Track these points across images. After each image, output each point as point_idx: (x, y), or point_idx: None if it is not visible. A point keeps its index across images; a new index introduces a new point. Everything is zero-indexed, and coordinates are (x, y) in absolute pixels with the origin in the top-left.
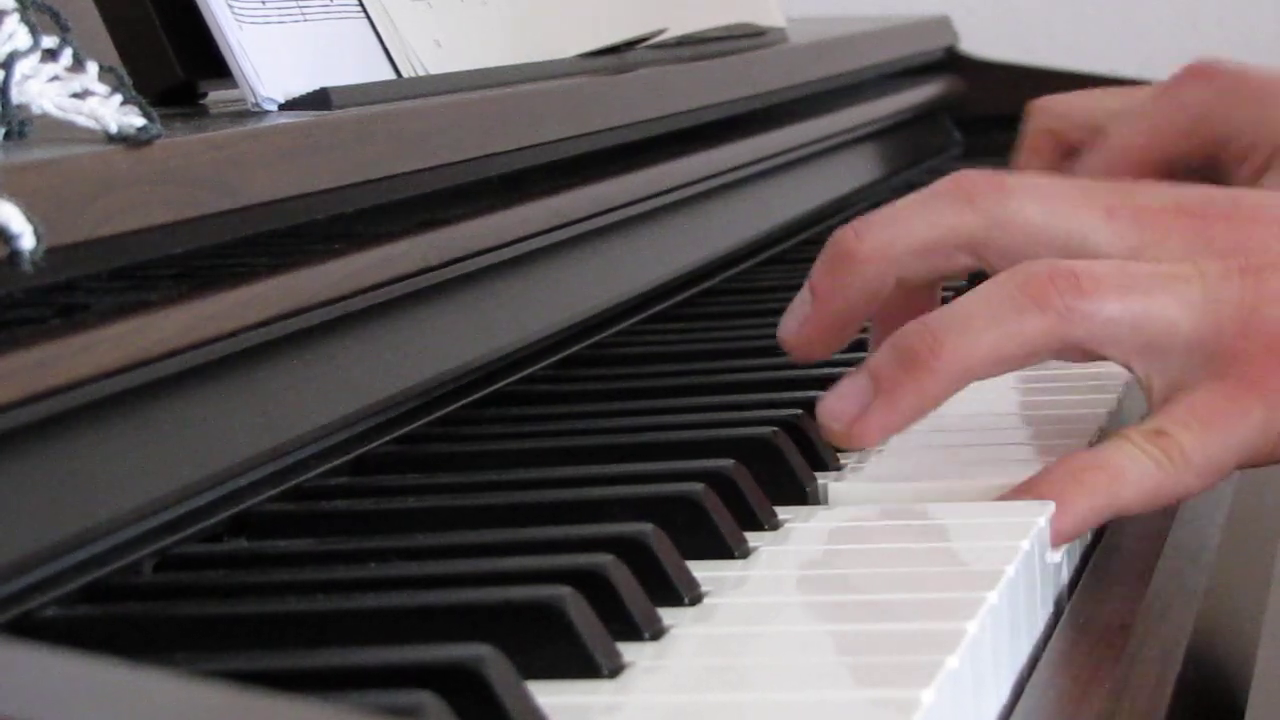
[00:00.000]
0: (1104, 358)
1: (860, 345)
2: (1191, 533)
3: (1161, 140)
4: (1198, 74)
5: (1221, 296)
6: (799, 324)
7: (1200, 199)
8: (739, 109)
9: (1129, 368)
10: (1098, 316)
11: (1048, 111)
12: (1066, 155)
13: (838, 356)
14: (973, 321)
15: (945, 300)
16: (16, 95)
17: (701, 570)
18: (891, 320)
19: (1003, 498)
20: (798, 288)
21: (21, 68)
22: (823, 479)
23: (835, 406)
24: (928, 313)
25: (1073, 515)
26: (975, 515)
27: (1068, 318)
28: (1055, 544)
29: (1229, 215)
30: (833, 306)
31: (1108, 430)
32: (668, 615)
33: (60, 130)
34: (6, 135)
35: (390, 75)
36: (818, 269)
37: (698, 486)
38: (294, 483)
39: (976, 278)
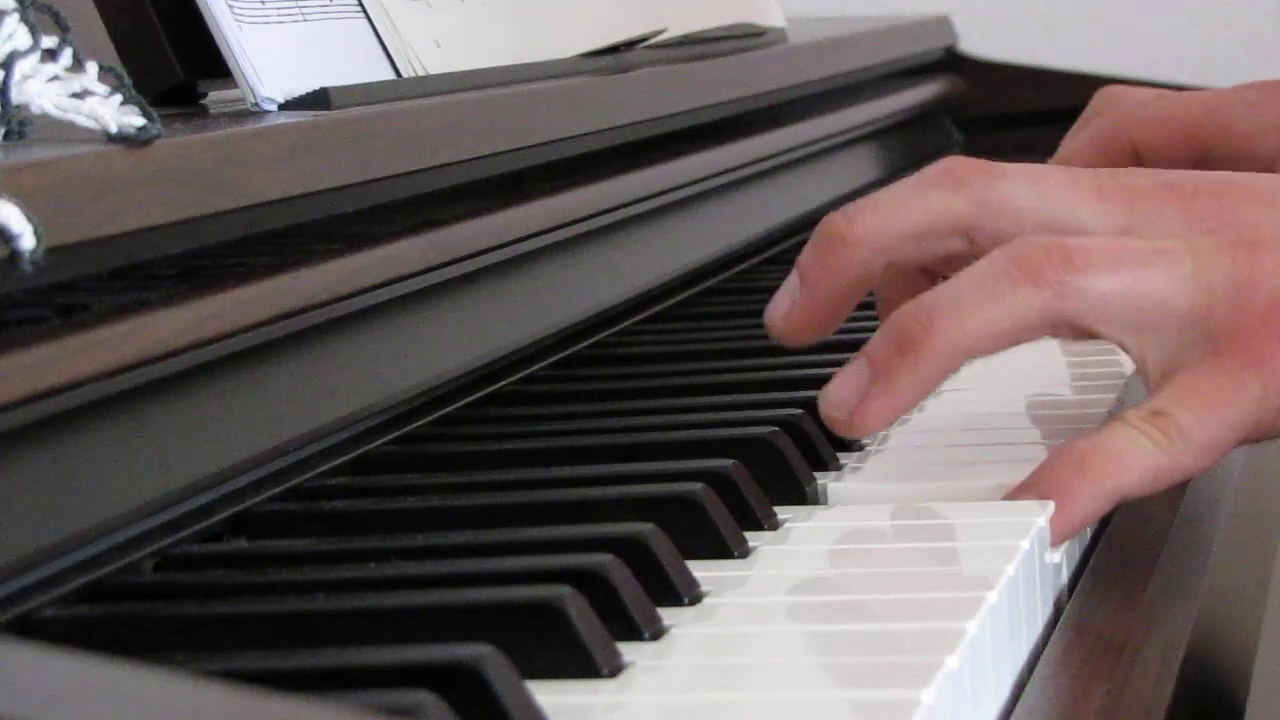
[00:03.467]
0: (1097, 335)
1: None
2: (1191, 533)
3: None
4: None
5: (1213, 271)
6: (787, 308)
7: (1189, 178)
8: (739, 109)
9: (1123, 345)
10: (1090, 291)
11: (1123, 111)
12: (1132, 160)
13: (836, 341)
14: (965, 299)
15: None
16: (16, 95)
17: (701, 570)
18: (894, 310)
19: (1006, 497)
20: None
21: (21, 68)
22: (822, 479)
23: (836, 395)
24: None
25: (1079, 506)
26: (975, 515)
27: (1060, 292)
28: (1062, 537)
29: (1218, 192)
30: (821, 291)
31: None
32: (668, 615)
33: (60, 130)
34: (6, 135)
35: (390, 75)
36: (806, 253)
37: (698, 486)
38: (294, 483)
39: None
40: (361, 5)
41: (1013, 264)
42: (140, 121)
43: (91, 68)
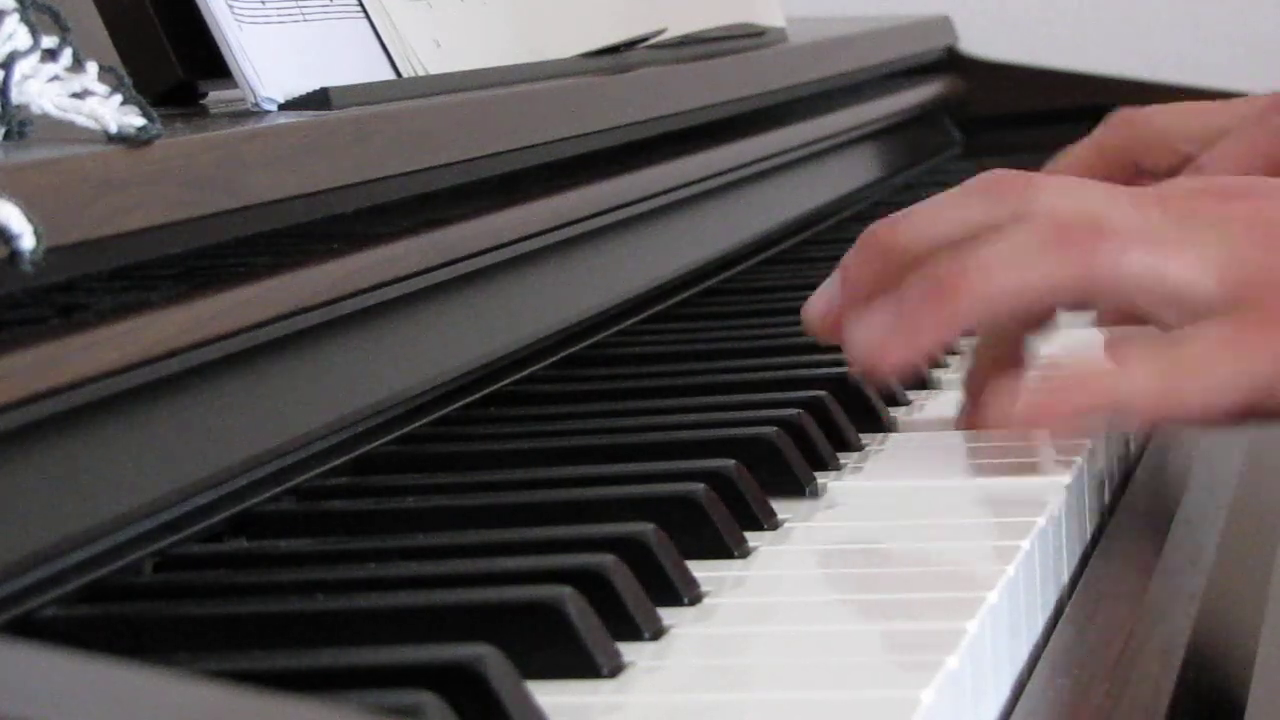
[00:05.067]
0: (1130, 310)
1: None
2: (1191, 533)
3: (1255, 172)
4: None
5: (1245, 258)
6: (825, 307)
7: (1224, 184)
8: (739, 109)
9: (1155, 320)
10: (1120, 262)
11: (1131, 127)
12: (1133, 176)
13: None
14: (998, 256)
15: None
16: (16, 95)
17: (701, 570)
18: None
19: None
20: (798, 288)
21: (21, 68)
22: (823, 478)
23: (861, 335)
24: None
25: (1069, 403)
26: (975, 515)
27: (1090, 261)
28: (1044, 417)
29: (1247, 195)
30: (859, 293)
31: (1108, 433)
32: (668, 615)
33: (60, 130)
34: (6, 135)
35: (390, 75)
36: (850, 256)
37: (698, 486)
38: (294, 483)
39: None
40: (361, 5)
41: (1047, 229)
42: (140, 121)
43: (91, 68)
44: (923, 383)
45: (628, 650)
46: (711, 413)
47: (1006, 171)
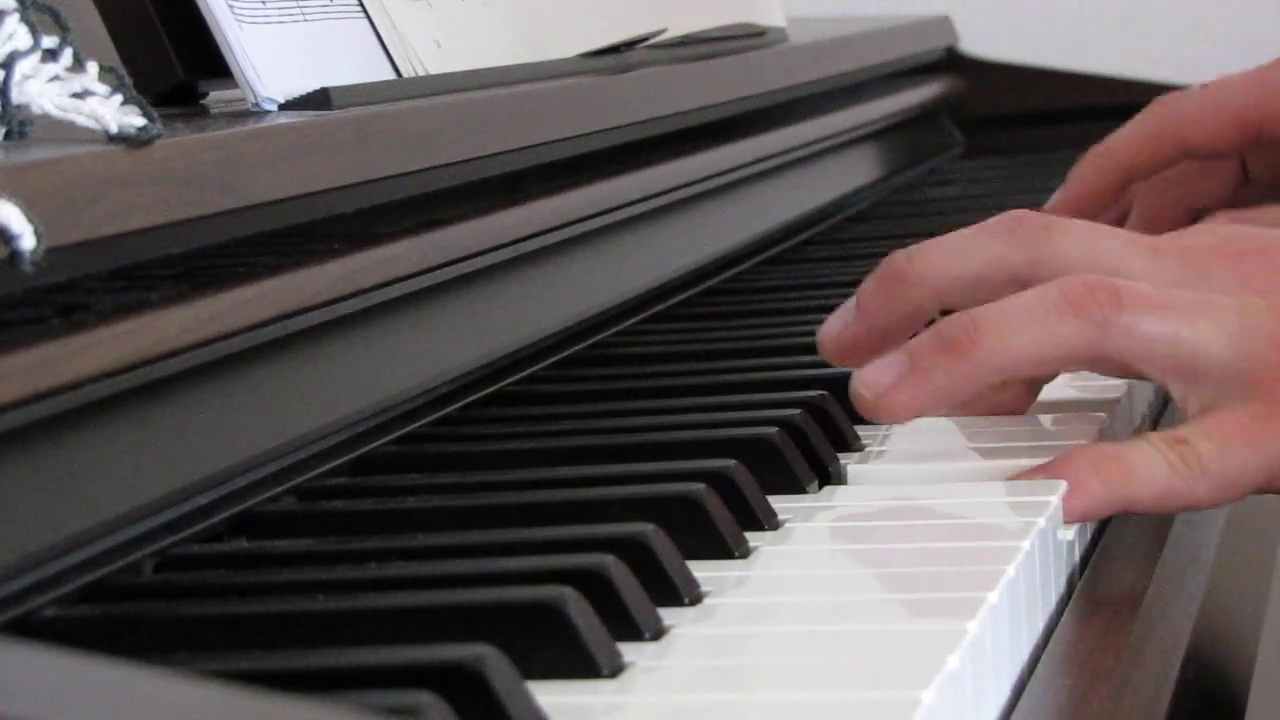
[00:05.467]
0: (1141, 375)
1: None
2: (1191, 533)
3: None
4: None
5: (1258, 328)
6: (840, 331)
7: (1240, 239)
8: (739, 109)
9: (1165, 387)
10: (1135, 331)
11: (1170, 104)
12: (1178, 156)
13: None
14: (1013, 319)
15: None
16: (16, 95)
17: (701, 570)
18: None
19: (1017, 476)
20: (798, 288)
21: (21, 68)
22: (823, 479)
23: (870, 376)
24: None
25: (1086, 496)
26: (976, 515)
27: (1105, 328)
28: (1068, 521)
29: (1269, 253)
30: (875, 322)
31: (1119, 414)
32: (668, 615)
33: (60, 130)
34: (6, 135)
35: (390, 75)
36: (867, 284)
37: (699, 486)
38: (294, 483)
39: None
40: (361, 5)
41: (1062, 295)
42: (140, 121)
43: (92, 68)
44: None
45: (628, 650)
46: (712, 413)
47: (1027, 213)
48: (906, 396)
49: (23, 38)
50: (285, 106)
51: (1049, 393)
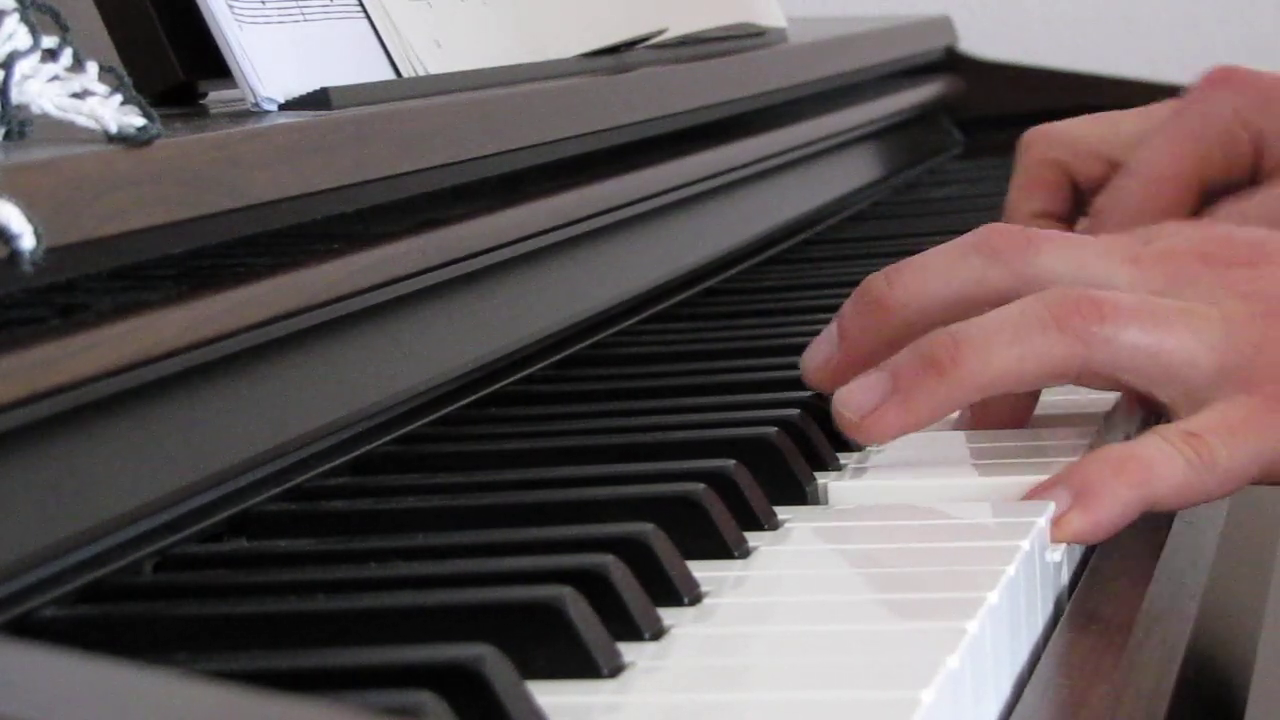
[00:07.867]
0: (1124, 386)
1: None
2: (1191, 533)
3: (1193, 162)
4: (1219, 82)
5: (1242, 337)
6: (824, 359)
7: (1223, 244)
8: (739, 109)
9: (1151, 396)
10: (1118, 342)
11: (1051, 140)
12: (1072, 189)
13: None
14: (996, 336)
15: None
16: (16, 95)
17: (701, 570)
18: None
19: (1033, 493)
20: (798, 288)
21: (21, 68)
22: (823, 479)
23: (852, 397)
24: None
25: (1109, 507)
26: (975, 515)
27: (1089, 342)
28: (1092, 537)
29: (1252, 260)
30: (859, 348)
31: (1107, 428)
32: (668, 615)
33: (60, 130)
34: (6, 135)
35: (390, 75)
36: (847, 311)
37: (698, 486)
38: (294, 483)
39: None
40: (361, 5)
41: (1045, 309)
42: (140, 121)
43: (91, 68)
44: None
45: (628, 650)
46: (711, 413)
47: (1004, 228)
48: (889, 419)
49: (23, 38)
50: (285, 106)
51: (1039, 405)
